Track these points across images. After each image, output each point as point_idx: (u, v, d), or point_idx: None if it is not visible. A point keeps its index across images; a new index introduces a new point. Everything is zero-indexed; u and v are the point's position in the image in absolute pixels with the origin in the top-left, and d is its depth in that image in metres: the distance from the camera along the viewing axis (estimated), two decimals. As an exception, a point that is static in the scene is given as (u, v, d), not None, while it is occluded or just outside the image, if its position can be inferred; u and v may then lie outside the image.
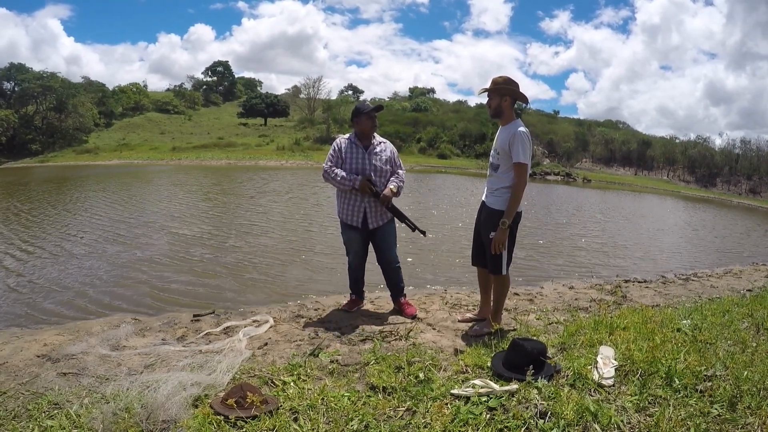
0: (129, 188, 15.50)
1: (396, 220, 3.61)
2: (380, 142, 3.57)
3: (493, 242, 3.05)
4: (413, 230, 3.62)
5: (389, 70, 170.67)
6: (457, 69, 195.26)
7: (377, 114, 3.50)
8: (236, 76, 78.13)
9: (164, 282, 4.98)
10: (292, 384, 2.32)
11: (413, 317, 3.63)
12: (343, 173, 3.40)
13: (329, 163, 3.45)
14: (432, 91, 76.61)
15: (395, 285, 3.74)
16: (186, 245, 6.77)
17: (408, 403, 2.08)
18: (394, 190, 3.47)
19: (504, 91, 3.08)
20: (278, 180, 20.17)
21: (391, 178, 3.56)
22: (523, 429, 1.84)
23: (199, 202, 11.79)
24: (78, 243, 6.79)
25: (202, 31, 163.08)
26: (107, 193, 13.72)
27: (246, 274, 5.39)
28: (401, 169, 3.63)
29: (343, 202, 3.53)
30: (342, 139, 3.53)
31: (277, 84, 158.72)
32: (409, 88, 76.75)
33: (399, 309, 3.74)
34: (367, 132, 3.48)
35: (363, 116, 3.43)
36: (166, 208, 10.51)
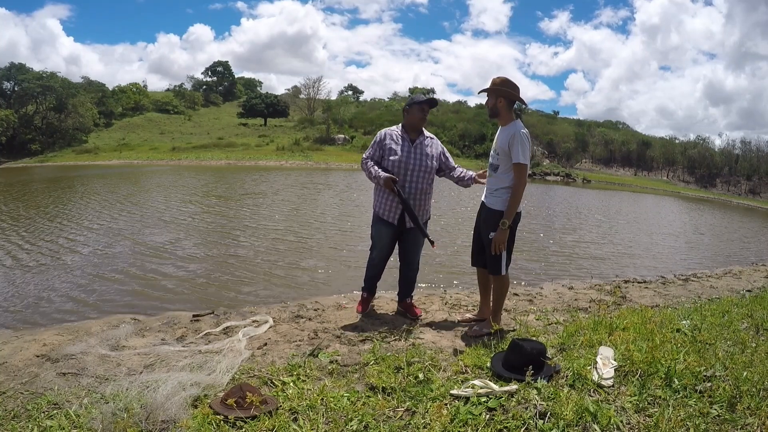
0: (115, 190, 15.16)
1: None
2: (428, 137, 3.49)
3: (493, 242, 3.05)
4: (423, 237, 3.45)
5: (389, 71, 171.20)
6: (456, 69, 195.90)
7: (430, 108, 3.43)
8: (236, 76, 78.17)
9: (162, 283, 4.98)
10: (291, 384, 2.32)
11: (418, 318, 3.62)
12: (374, 167, 3.33)
13: (368, 154, 3.42)
14: (432, 91, 76.63)
15: (408, 286, 3.71)
16: (172, 248, 6.76)
17: (407, 403, 2.08)
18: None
19: (499, 92, 3.09)
20: (267, 181, 19.89)
21: (464, 170, 3.57)
22: (522, 429, 1.84)
23: (187, 205, 11.67)
24: (69, 244, 6.79)
25: (201, 31, 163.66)
26: (92, 194, 13.52)
27: (244, 275, 5.38)
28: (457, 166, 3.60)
29: (381, 197, 3.43)
30: (388, 131, 3.44)
31: (276, 84, 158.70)
32: (409, 89, 76.79)
33: (405, 309, 3.72)
34: (416, 124, 3.39)
35: (415, 107, 3.36)
36: (145, 212, 10.46)
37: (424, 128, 3.47)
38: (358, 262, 5.74)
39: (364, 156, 3.43)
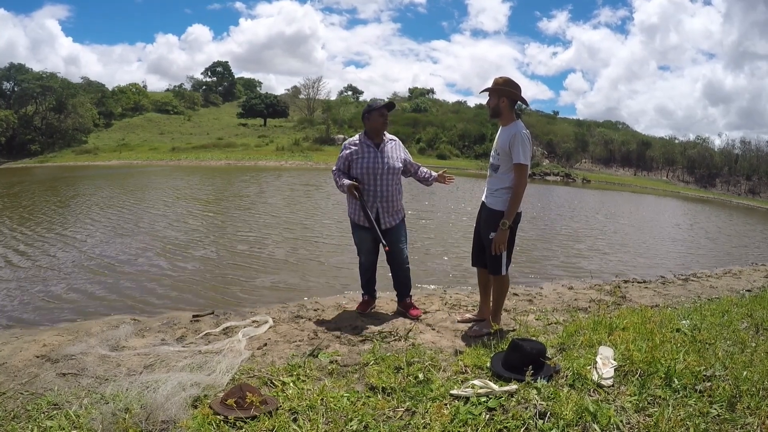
0: (97, 192, 14.91)
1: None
2: (390, 140, 3.57)
3: (493, 242, 3.05)
4: (375, 240, 3.46)
5: (388, 71, 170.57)
6: (455, 69, 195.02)
7: (389, 112, 3.49)
8: (235, 76, 78.14)
9: (161, 284, 4.98)
10: (291, 384, 2.32)
11: (416, 319, 3.62)
12: (339, 177, 3.46)
13: (336, 167, 3.53)
14: (432, 91, 76.70)
15: (403, 285, 3.72)
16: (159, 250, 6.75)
17: (407, 403, 2.08)
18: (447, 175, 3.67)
19: (501, 92, 3.08)
20: (255, 184, 19.40)
21: (427, 170, 3.71)
22: (522, 429, 1.84)
23: (172, 208, 11.63)
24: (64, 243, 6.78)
25: (199, 31, 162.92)
26: (73, 198, 13.42)
27: (243, 276, 5.39)
28: (420, 166, 3.74)
29: (355, 203, 3.49)
30: (351, 141, 3.53)
31: (275, 84, 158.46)
32: (409, 89, 76.84)
33: (404, 309, 3.73)
34: (378, 129, 3.46)
35: (374, 113, 3.43)
36: (146, 213, 10.46)
37: (385, 131, 3.54)
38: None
39: (333, 169, 3.55)
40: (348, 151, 3.47)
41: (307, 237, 7.82)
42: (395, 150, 3.55)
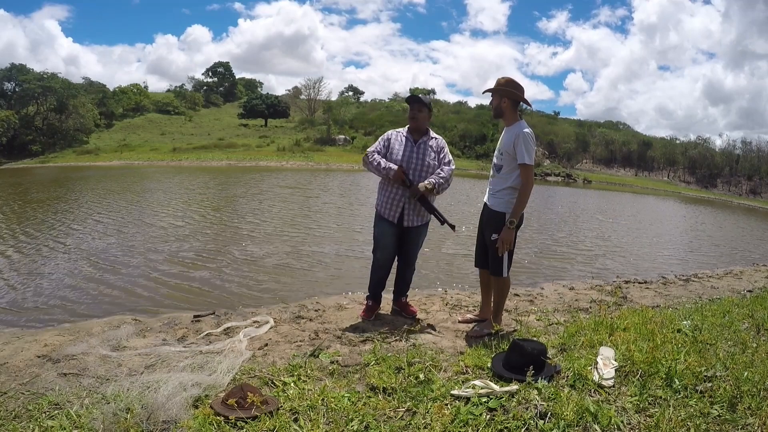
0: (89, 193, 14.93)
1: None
2: (432, 138, 3.49)
3: (499, 242, 3.03)
4: (442, 224, 3.41)
5: (387, 71, 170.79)
6: (455, 69, 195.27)
7: (420, 106, 3.39)
8: (236, 77, 78.20)
9: (163, 284, 4.98)
10: (292, 384, 2.32)
11: (414, 317, 3.63)
12: (382, 160, 3.31)
13: (373, 148, 3.42)
14: (432, 92, 76.68)
15: (405, 285, 3.72)
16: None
17: (408, 403, 2.08)
18: (429, 186, 3.24)
19: (503, 93, 3.08)
20: (243, 185, 18.52)
21: (432, 175, 3.38)
22: (523, 430, 1.84)
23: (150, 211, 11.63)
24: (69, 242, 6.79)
25: (198, 32, 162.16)
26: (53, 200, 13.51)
27: (243, 276, 5.39)
28: (447, 165, 3.40)
29: (384, 195, 3.44)
30: (394, 132, 3.50)
31: (275, 85, 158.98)
32: (409, 89, 76.76)
33: (400, 308, 3.74)
34: (410, 124, 3.43)
35: (413, 106, 3.43)
36: (145, 213, 10.45)
37: (429, 129, 3.47)
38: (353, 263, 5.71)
39: (369, 150, 3.40)
40: (389, 137, 3.43)
41: (306, 239, 7.83)
42: (434, 149, 3.44)
